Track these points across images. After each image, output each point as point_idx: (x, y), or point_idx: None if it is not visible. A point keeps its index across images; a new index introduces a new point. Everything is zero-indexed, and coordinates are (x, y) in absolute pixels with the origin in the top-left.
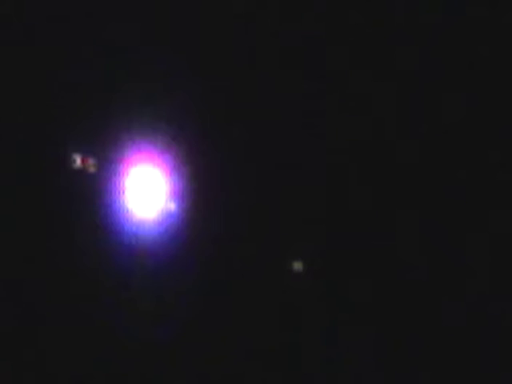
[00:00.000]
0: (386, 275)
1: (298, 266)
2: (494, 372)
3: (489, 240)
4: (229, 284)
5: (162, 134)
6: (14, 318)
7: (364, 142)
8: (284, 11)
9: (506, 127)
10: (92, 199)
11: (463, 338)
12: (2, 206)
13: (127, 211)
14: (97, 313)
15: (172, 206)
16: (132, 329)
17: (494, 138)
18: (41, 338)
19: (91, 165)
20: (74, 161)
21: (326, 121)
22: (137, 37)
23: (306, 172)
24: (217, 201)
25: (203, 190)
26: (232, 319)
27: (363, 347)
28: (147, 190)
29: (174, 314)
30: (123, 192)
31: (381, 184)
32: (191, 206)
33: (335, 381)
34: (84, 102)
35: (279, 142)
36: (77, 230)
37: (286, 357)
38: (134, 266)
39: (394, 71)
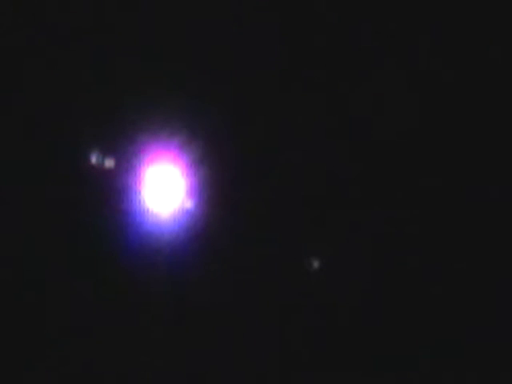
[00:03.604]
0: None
1: (315, 264)
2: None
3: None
4: (246, 282)
5: (180, 131)
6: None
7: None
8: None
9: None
10: (109, 197)
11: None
12: (19, 202)
13: (144, 209)
14: (112, 311)
15: (189, 204)
16: (147, 326)
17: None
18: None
19: (108, 162)
20: (91, 158)
21: (342, 119)
22: (153, 35)
23: (325, 170)
24: (234, 199)
25: (221, 187)
26: (249, 317)
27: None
28: (164, 188)
29: (191, 312)
30: (140, 190)
31: (401, 182)
32: (209, 204)
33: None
34: (101, 99)
35: (298, 138)
36: (93, 228)
37: (299, 357)
38: (151, 264)
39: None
